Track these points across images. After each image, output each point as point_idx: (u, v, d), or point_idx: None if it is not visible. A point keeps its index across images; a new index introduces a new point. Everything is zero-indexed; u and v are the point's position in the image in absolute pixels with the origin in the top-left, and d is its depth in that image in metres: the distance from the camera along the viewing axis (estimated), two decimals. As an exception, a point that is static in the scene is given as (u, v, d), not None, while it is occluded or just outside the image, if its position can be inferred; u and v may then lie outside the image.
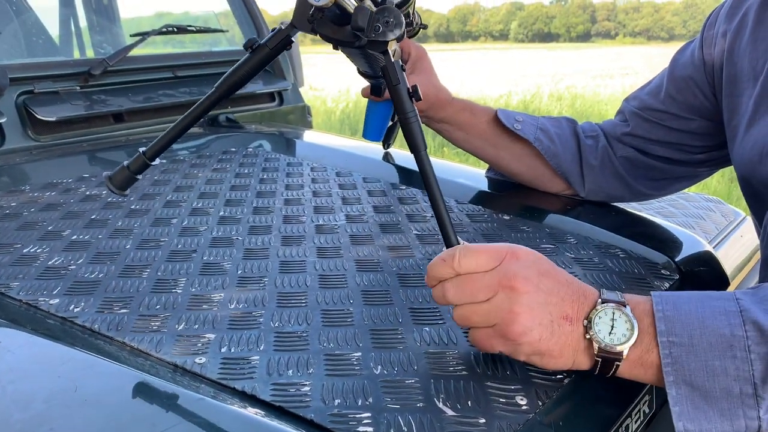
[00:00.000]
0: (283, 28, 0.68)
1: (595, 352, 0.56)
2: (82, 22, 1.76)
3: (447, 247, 0.62)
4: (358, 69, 1.05)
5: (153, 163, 0.72)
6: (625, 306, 0.56)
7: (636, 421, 0.66)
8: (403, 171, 1.22)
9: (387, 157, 1.28)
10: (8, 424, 0.49)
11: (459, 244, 0.61)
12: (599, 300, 0.57)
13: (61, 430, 0.48)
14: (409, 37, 1.04)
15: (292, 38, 0.69)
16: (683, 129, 0.94)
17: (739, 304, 0.55)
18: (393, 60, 0.67)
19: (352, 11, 0.63)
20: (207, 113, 0.71)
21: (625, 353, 0.55)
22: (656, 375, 0.55)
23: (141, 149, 0.72)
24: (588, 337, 0.56)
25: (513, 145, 1.04)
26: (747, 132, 0.80)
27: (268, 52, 0.69)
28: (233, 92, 0.70)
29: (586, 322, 0.56)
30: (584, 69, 16.73)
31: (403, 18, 0.64)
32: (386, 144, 1.28)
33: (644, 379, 0.57)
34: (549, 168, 1.04)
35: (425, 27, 1.02)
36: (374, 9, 0.64)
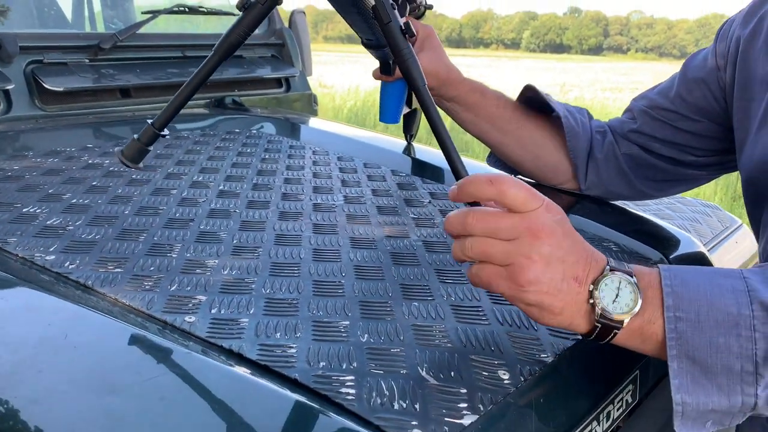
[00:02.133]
0: None
1: (596, 317, 0.56)
2: (96, -2, 1.76)
3: (456, 179, 0.61)
4: (362, 40, 1.03)
5: (162, 133, 0.72)
6: (631, 276, 0.56)
7: (618, 409, 0.67)
8: (405, 159, 1.23)
9: (409, 150, 1.27)
10: (-3, 365, 0.50)
11: (468, 175, 0.60)
12: (607, 267, 0.57)
13: (49, 372, 0.49)
14: (417, 18, 1.04)
15: None
16: (689, 130, 0.95)
17: (747, 283, 0.55)
18: None
19: None
20: (209, 77, 0.70)
21: (625, 323, 0.55)
22: (654, 347, 0.56)
23: (149, 120, 0.72)
24: (591, 301, 0.56)
25: (519, 131, 1.05)
26: (757, 135, 0.81)
27: (261, 9, 0.68)
28: (231, 53, 0.70)
29: (591, 286, 0.56)
30: (594, 81, 16.73)
31: None
32: (409, 135, 1.27)
33: (640, 349, 0.57)
34: (552, 159, 1.04)
35: (431, 7, 1.02)
36: None
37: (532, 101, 1.06)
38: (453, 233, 0.59)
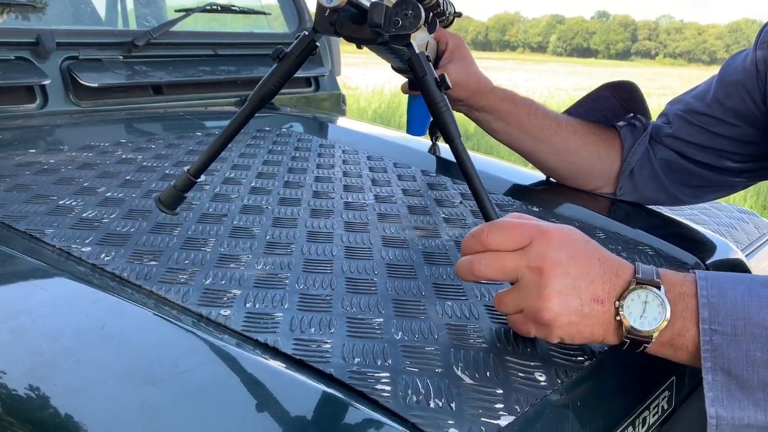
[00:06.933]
0: (306, 34, 0.69)
1: (624, 334, 0.55)
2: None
3: (486, 221, 0.62)
4: (391, 65, 1.04)
5: (198, 180, 0.73)
6: (659, 288, 0.55)
7: (654, 415, 0.66)
8: (434, 159, 1.23)
9: (434, 150, 1.27)
10: (37, 353, 0.50)
11: (497, 218, 0.61)
12: (633, 280, 0.56)
13: (87, 362, 0.49)
14: (444, 27, 1.04)
15: (317, 42, 0.69)
16: (726, 135, 0.93)
17: None
18: (417, 51, 0.67)
19: (367, 9, 0.62)
20: (244, 126, 0.73)
21: (654, 337, 0.55)
22: (686, 357, 0.55)
23: (186, 168, 0.73)
24: (618, 318, 0.55)
25: (552, 138, 1.04)
26: None
27: (295, 60, 0.69)
28: (266, 102, 0.71)
29: (617, 303, 0.55)
30: (621, 86, 16.48)
31: (423, 10, 0.63)
32: (435, 136, 1.27)
33: (672, 358, 0.57)
34: (586, 164, 1.03)
35: (459, 15, 1.02)
36: (392, 2, 0.63)
37: (629, 100, 1.04)
38: (469, 280, 0.60)
